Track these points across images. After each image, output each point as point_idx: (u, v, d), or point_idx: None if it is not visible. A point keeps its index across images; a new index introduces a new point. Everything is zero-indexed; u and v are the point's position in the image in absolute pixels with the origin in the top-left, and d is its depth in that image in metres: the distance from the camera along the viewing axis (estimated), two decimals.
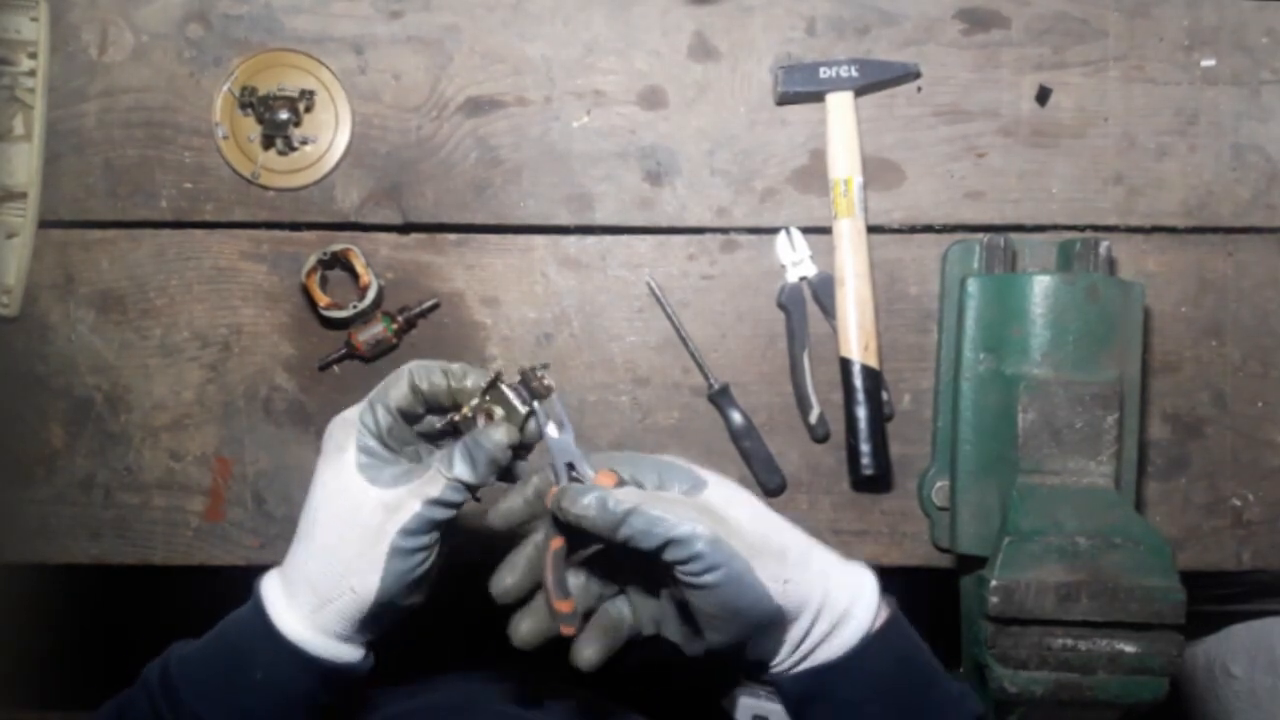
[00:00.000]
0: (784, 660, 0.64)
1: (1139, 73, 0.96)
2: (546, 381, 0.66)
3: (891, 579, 0.72)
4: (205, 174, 0.96)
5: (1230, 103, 0.96)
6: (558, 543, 0.63)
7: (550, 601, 0.62)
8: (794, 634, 0.63)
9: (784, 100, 0.96)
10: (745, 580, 0.59)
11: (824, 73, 0.94)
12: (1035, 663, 0.78)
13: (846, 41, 0.96)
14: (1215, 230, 0.97)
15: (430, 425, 0.69)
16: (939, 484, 0.93)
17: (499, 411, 0.66)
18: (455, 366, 0.66)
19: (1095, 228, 0.96)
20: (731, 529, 0.60)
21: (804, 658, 0.64)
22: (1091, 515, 0.80)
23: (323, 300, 0.93)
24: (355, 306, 0.93)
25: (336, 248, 0.94)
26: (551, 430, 0.66)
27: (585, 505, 0.60)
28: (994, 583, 0.78)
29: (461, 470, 0.64)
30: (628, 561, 0.64)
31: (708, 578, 0.58)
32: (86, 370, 0.96)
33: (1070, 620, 0.77)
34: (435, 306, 0.96)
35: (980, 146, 0.96)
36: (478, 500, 0.67)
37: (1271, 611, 1.21)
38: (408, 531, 0.63)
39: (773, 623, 0.61)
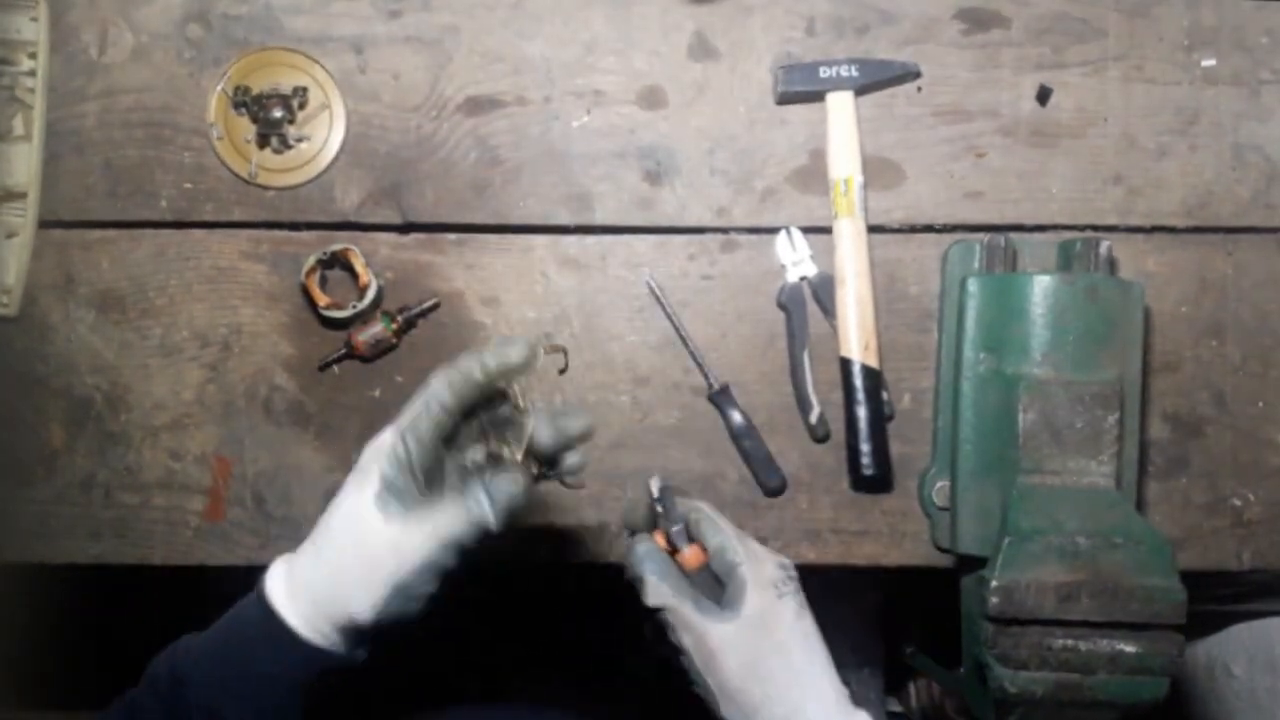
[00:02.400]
0: None
1: (1139, 73, 0.96)
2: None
3: (890, 577, 0.73)
4: (205, 174, 0.96)
5: (1230, 102, 0.96)
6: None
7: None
8: None
9: (784, 100, 0.96)
10: (710, 702, 0.69)
11: (824, 72, 0.94)
12: (1036, 663, 0.78)
13: (846, 41, 0.96)
14: (1215, 230, 0.96)
15: (465, 456, 0.69)
16: (939, 484, 0.93)
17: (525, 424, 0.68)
18: (487, 360, 0.67)
19: (1095, 227, 0.96)
20: (717, 666, 0.68)
21: None
22: (1092, 515, 0.80)
23: (322, 300, 0.93)
24: (355, 306, 0.93)
25: (336, 247, 0.94)
26: (654, 489, 0.75)
27: (633, 573, 0.72)
28: (994, 583, 0.78)
29: (481, 514, 0.66)
30: None
31: (691, 683, 0.71)
32: (86, 370, 0.96)
33: (1071, 620, 0.77)
34: (435, 306, 0.96)
35: (980, 146, 0.96)
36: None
37: (1272, 611, 1.21)
38: (416, 572, 0.65)
39: None
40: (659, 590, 0.69)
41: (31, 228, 0.96)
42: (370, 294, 0.93)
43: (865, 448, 0.92)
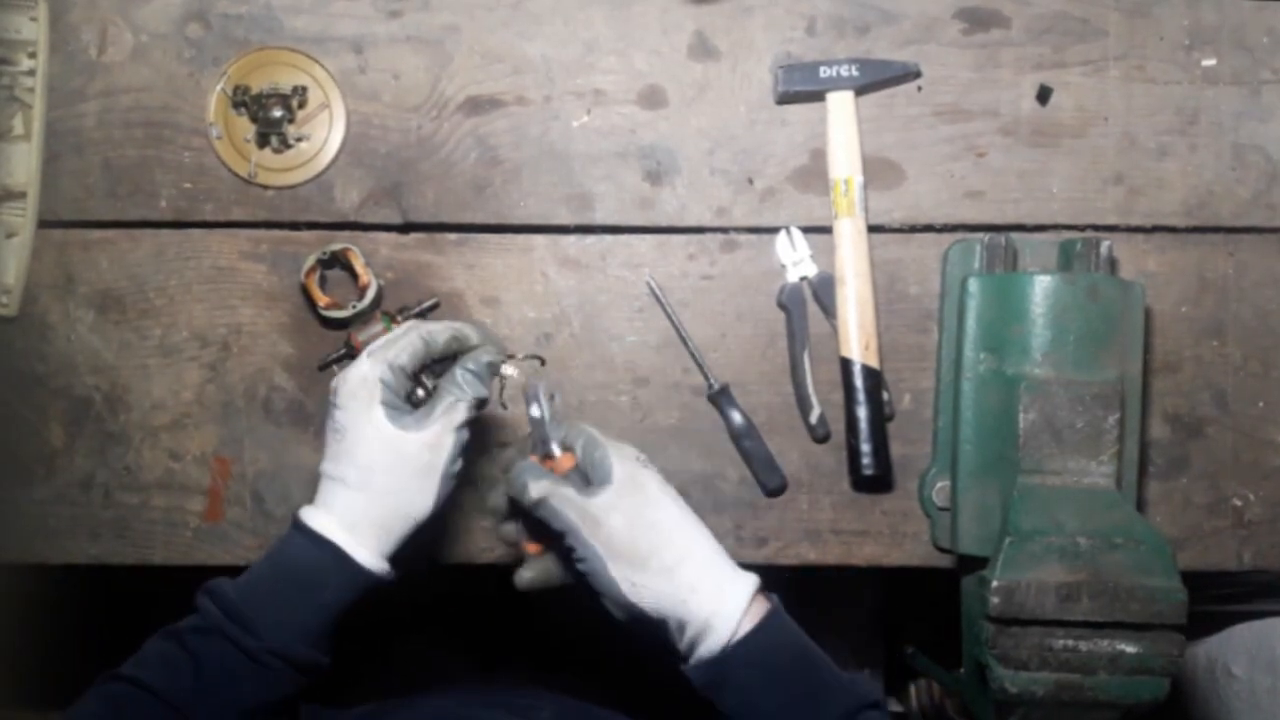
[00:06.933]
0: (683, 654, 0.75)
1: (1139, 72, 0.96)
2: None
3: (890, 578, 0.73)
4: (204, 174, 0.96)
5: (1230, 102, 0.96)
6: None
7: (524, 544, 0.81)
8: (673, 635, 0.75)
9: (784, 100, 0.96)
10: (600, 572, 0.73)
11: (824, 72, 0.94)
12: (1036, 663, 0.78)
13: (846, 41, 0.96)
14: (1215, 230, 0.96)
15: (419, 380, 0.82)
16: (940, 484, 0.93)
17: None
18: (461, 327, 0.80)
19: (1096, 227, 0.96)
20: (602, 530, 0.73)
21: (691, 655, 0.75)
22: (1092, 515, 0.80)
23: (322, 300, 0.93)
24: (355, 306, 0.93)
25: (336, 247, 0.94)
26: (534, 411, 0.79)
27: (514, 487, 0.76)
28: (995, 583, 0.78)
29: (476, 389, 0.78)
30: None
31: (578, 563, 0.75)
32: (86, 370, 0.96)
33: (1071, 621, 0.77)
34: (435, 306, 0.96)
35: (980, 146, 0.96)
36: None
37: (1272, 612, 1.22)
38: (451, 459, 0.77)
39: (636, 616, 0.74)
40: (539, 485, 0.75)
41: (31, 228, 0.96)
42: (370, 294, 0.93)
43: (865, 448, 0.92)
